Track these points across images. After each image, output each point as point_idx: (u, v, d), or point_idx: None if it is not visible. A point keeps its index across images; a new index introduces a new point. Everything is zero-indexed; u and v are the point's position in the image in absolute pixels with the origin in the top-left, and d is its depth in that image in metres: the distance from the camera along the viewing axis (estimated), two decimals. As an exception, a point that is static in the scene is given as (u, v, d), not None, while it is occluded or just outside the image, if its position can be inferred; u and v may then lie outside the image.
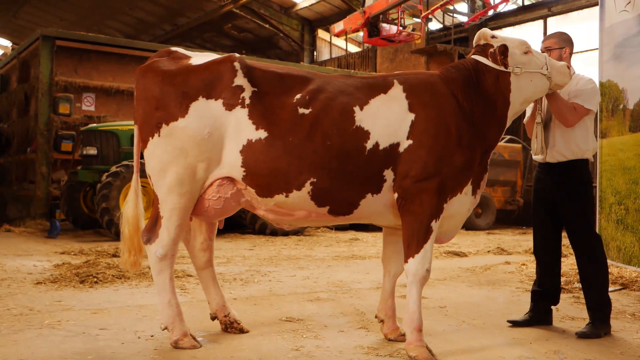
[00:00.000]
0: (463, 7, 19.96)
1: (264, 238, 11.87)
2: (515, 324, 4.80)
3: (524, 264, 8.35)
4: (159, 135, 3.82)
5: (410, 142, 3.83)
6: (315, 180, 3.75)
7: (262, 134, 3.76)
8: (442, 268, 7.96)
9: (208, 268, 4.36)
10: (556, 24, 17.87)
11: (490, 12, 17.86)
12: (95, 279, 6.24)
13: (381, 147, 3.81)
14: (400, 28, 17.97)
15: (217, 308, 4.36)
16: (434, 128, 3.85)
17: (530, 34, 18.58)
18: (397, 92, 3.94)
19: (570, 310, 5.42)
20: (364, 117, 3.83)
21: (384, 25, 18.01)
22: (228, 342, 4.11)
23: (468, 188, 4.03)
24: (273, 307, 5.28)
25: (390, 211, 3.95)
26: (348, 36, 23.99)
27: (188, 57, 4.03)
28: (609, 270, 5.14)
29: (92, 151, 11.65)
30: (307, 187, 3.76)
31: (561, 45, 4.74)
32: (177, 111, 3.79)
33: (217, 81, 3.82)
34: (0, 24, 31.28)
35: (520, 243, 11.92)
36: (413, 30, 18.29)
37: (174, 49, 4.13)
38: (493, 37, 4.21)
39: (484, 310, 5.39)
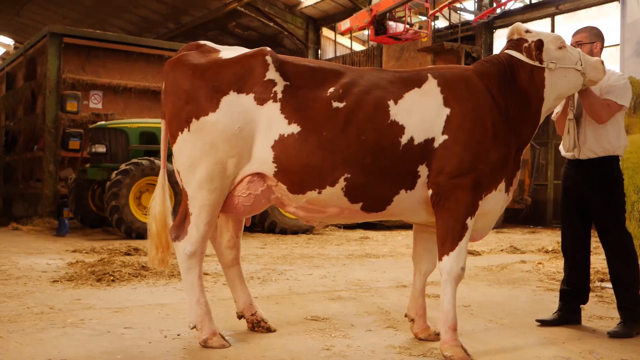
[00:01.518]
0: (470, 4, 19.87)
1: (274, 236, 11.81)
2: (544, 323, 4.72)
3: (540, 263, 8.28)
4: (188, 130, 3.74)
5: (445, 137, 3.75)
6: (349, 176, 3.67)
7: (294, 128, 3.67)
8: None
9: (235, 266, 4.27)
10: (564, 22, 17.80)
11: (499, 10, 17.76)
12: (112, 277, 6.17)
13: (416, 142, 3.73)
14: (407, 26, 17.91)
15: (243, 307, 4.28)
16: (470, 123, 3.77)
17: (537, 32, 18.49)
18: (431, 86, 3.86)
19: (596, 309, 5.33)
20: (398, 111, 3.75)
21: (391, 23, 17.95)
22: (256, 341, 4.03)
23: (501, 185, 3.95)
24: (295, 306, 5.21)
25: (424, 208, 3.88)
26: (353, 34, 23.95)
27: (217, 51, 3.95)
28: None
29: (101, 149, 11.59)
30: (341, 183, 3.68)
31: (592, 39, 4.66)
32: (207, 105, 3.71)
33: (249, 75, 3.74)
34: (3, 22, 31.17)
35: (531, 242, 11.84)
36: (420, 28, 18.21)
37: (202, 42, 4.05)
38: (527, 31, 4.12)
39: (509, 309, 5.31)
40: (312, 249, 9.97)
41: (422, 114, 3.78)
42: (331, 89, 3.76)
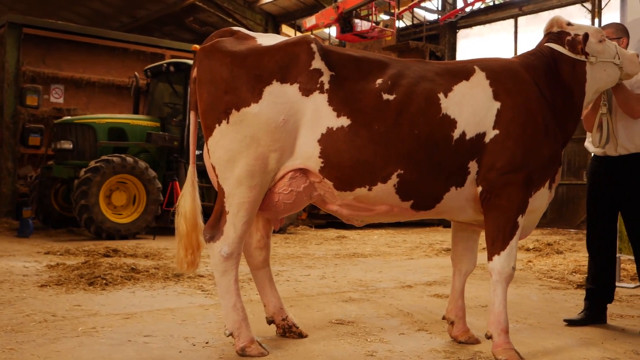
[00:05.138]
0: (433, 4, 19.95)
1: (249, 236, 11.48)
2: (571, 322, 4.63)
3: (529, 261, 8.29)
4: (227, 122, 3.46)
5: (496, 132, 3.60)
6: (402, 172, 3.46)
7: (344, 121, 3.44)
8: (447, 265, 7.78)
9: (264, 268, 4.01)
10: (527, 23, 18.06)
11: (467, 10, 17.86)
12: (104, 281, 5.79)
13: (467, 137, 3.56)
14: (374, 24, 17.81)
15: (274, 311, 4.02)
16: (522, 117, 3.63)
17: (500, 32, 18.73)
18: (479, 78, 3.70)
19: (612, 307, 5.27)
20: (449, 104, 3.57)
21: (357, 21, 17.81)
22: (293, 347, 3.79)
23: (547, 181, 3.83)
24: (312, 309, 4.97)
25: (471, 206, 3.72)
26: (313, 32, 23.68)
27: (253, 38, 3.67)
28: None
29: (67, 145, 11.00)
30: (394, 179, 3.47)
31: (619, 35, 4.60)
32: (249, 96, 3.43)
33: (293, 64, 3.48)
34: (-58, 12, 29.59)
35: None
36: (386, 26, 18.15)
37: (236, 28, 3.76)
38: (569, 24, 4.02)
39: (527, 309, 5.21)
40: (295, 248, 9.72)
41: (472, 107, 3.61)
42: (379, 80, 3.55)
